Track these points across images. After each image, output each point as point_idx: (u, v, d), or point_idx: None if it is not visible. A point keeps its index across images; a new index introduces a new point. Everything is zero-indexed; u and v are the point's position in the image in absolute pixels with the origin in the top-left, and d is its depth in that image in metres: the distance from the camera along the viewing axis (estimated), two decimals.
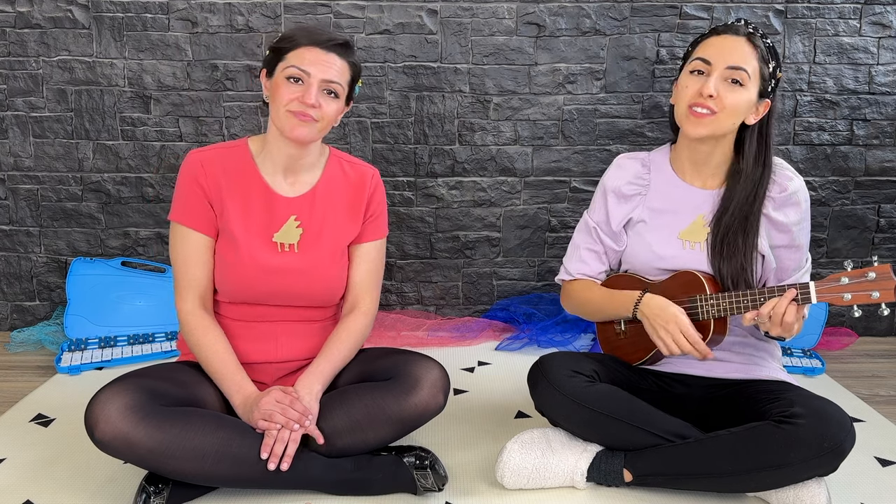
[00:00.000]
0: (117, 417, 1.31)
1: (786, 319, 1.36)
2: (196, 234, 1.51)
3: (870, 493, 1.52)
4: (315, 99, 1.44)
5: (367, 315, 1.60)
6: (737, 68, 1.44)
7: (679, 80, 1.52)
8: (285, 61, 1.46)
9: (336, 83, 1.47)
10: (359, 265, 1.61)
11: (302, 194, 1.56)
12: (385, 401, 1.43)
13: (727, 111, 1.44)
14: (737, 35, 1.46)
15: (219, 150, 1.55)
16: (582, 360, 1.55)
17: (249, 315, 1.55)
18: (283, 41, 1.48)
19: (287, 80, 1.45)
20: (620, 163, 1.64)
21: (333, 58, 1.47)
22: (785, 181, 1.51)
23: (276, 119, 1.47)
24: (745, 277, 1.48)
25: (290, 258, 1.52)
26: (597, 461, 1.48)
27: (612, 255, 1.65)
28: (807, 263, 1.55)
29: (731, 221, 1.50)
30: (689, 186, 1.57)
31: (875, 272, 1.31)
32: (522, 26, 2.43)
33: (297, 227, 1.54)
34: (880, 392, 2.10)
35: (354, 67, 1.52)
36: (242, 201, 1.52)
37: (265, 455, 1.36)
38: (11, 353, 2.33)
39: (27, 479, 1.55)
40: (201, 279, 1.52)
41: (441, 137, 2.50)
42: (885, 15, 2.42)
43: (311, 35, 1.47)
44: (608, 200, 1.63)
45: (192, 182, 1.51)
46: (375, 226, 1.63)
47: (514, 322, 2.52)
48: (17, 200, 2.48)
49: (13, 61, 2.39)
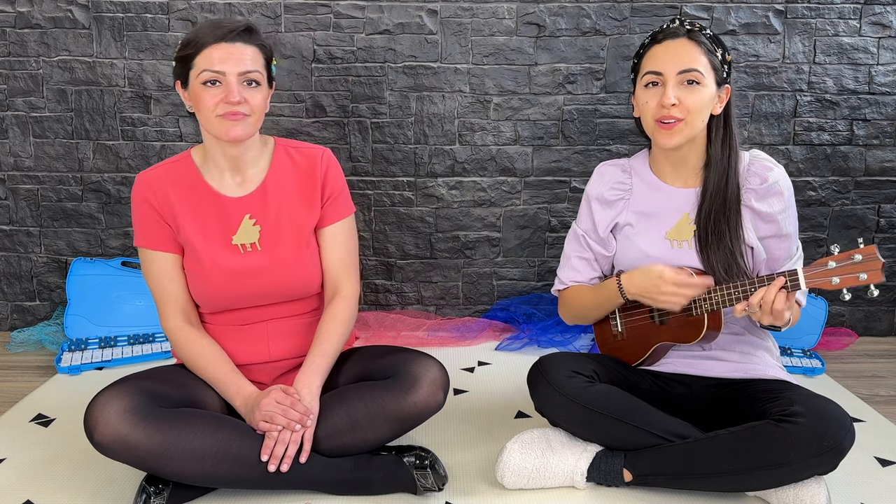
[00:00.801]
0: (116, 420, 1.31)
1: (775, 307, 1.36)
2: (162, 253, 1.52)
3: (870, 493, 1.52)
4: (238, 95, 1.42)
5: (349, 299, 1.58)
6: (688, 70, 1.45)
7: (636, 95, 1.54)
8: (195, 68, 1.43)
9: (253, 72, 1.44)
10: (329, 249, 1.58)
11: (252, 191, 1.54)
12: (384, 399, 1.43)
13: (693, 113, 1.46)
14: (677, 38, 1.47)
15: (164, 167, 1.54)
16: (582, 361, 1.55)
17: (235, 320, 1.55)
18: (186, 48, 1.44)
19: (204, 86, 1.42)
20: (601, 170, 1.67)
21: (241, 47, 1.43)
22: (765, 171, 1.52)
23: (209, 126, 1.45)
24: (737, 262, 1.48)
25: (254, 258, 1.51)
26: (597, 461, 1.49)
27: (602, 260, 1.67)
28: (797, 252, 1.56)
29: (710, 208, 1.51)
30: (671, 187, 1.58)
31: (861, 254, 1.30)
32: (522, 26, 2.43)
33: (254, 224, 1.53)
34: (880, 392, 2.10)
35: (265, 49, 1.49)
36: (195, 212, 1.52)
37: (265, 457, 1.36)
38: (11, 353, 2.33)
39: (27, 479, 1.55)
40: (179, 294, 1.52)
41: (441, 137, 2.50)
42: (885, 15, 2.42)
43: (212, 32, 1.42)
44: (593, 208, 1.64)
45: (143, 204, 1.51)
46: (336, 206, 1.59)
47: (514, 322, 2.52)
48: (18, 200, 2.48)
49: (13, 61, 2.40)
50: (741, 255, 1.49)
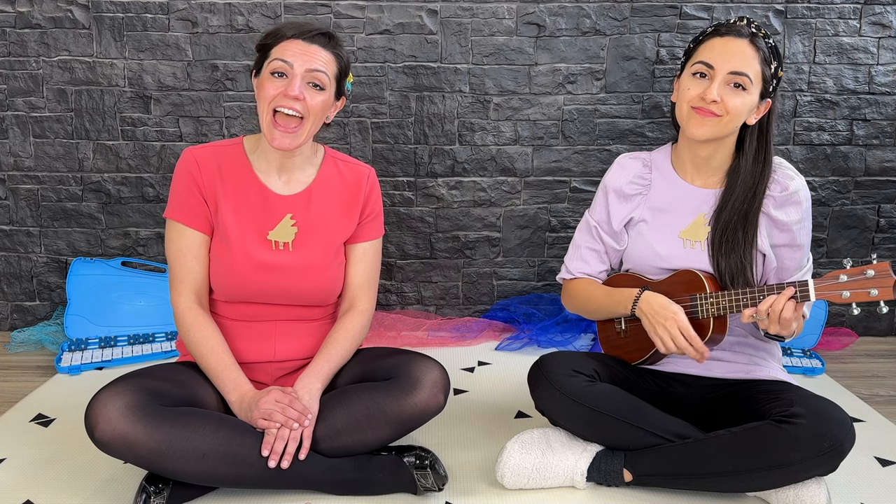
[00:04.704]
0: (117, 418, 1.31)
1: (783, 316, 1.35)
2: (191, 230, 1.52)
3: (870, 493, 1.52)
4: (299, 90, 1.43)
5: (364, 314, 1.60)
6: (739, 73, 1.43)
7: (681, 79, 1.51)
8: (269, 57, 1.46)
9: (320, 72, 1.45)
10: (356, 265, 1.61)
11: (297, 192, 1.56)
12: (385, 401, 1.43)
13: (730, 115, 1.44)
14: (739, 37, 1.45)
15: (214, 148, 1.55)
16: (582, 360, 1.55)
17: (246, 314, 1.55)
18: (267, 38, 1.48)
19: (272, 76, 1.45)
20: (622, 162, 1.65)
21: (316, 49, 1.46)
22: (786, 180, 1.51)
23: (262, 122, 1.48)
24: (745, 273, 1.48)
25: (284, 256, 1.52)
26: (597, 461, 1.49)
27: (612, 254, 1.66)
28: (808, 263, 1.55)
29: (730, 217, 1.50)
30: (690, 186, 1.57)
31: (874, 270, 1.30)
32: (522, 26, 2.43)
33: (293, 225, 1.54)
34: (880, 392, 2.10)
35: (341, 60, 1.51)
36: (237, 198, 1.53)
37: (266, 452, 1.36)
38: (11, 353, 2.33)
39: (27, 479, 1.55)
40: (197, 274, 1.52)
41: (441, 137, 2.50)
42: (885, 15, 2.42)
43: (293, 27, 1.47)
44: (609, 200, 1.63)
45: (187, 178, 1.51)
46: (373, 226, 1.63)
47: (514, 322, 2.52)
48: (18, 200, 2.48)
49: (13, 61, 2.40)
50: (751, 268, 1.49)
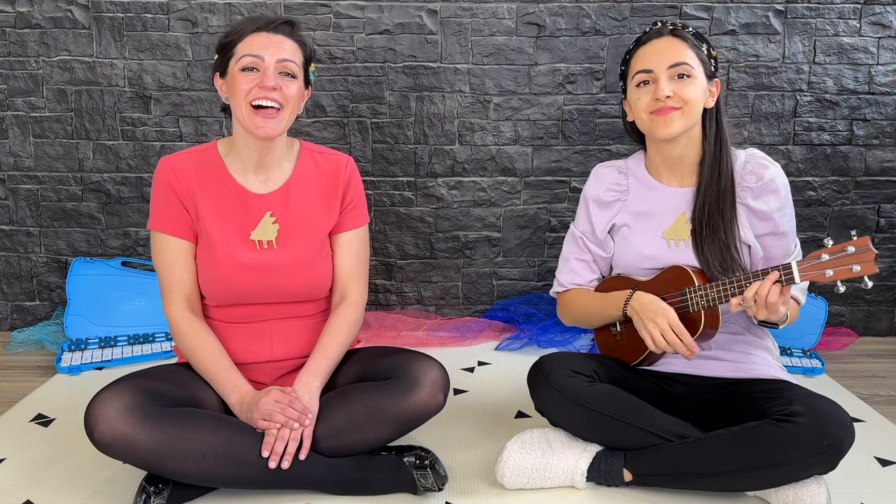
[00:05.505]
0: (117, 418, 1.31)
1: (769, 300, 1.36)
2: (176, 239, 1.52)
3: (870, 493, 1.52)
4: (274, 81, 1.44)
5: (356, 305, 1.60)
6: (678, 64, 1.48)
7: (628, 97, 1.56)
8: (236, 55, 1.47)
9: (290, 61, 1.47)
10: (342, 255, 1.61)
11: (275, 190, 1.56)
12: (385, 400, 1.43)
13: (689, 104, 1.48)
14: (661, 36, 1.51)
15: (188, 155, 1.55)
16: (582, 360, 1.55)
17: (240, 316, 1.55)
18: (228, 35, 1.49)
19: (242, 72, 1.46)
20: (598, 173, 1.68)
21: (281, 38, 1.48)
22: (761, 170, 1.53)
23: (240, 117, 1.48)
24: (731, 254, 1.49)
25: (269, 255, 1.52)
26: (597, 461, 1.49)
27: (601, 262, 1.67)
28: (796, 249, 1.56)
29: (704, 202, 1.52)
30: (667, 187, 1.59)
31: (854, 246, 1.31)
32: (522, 26, 2.43)
33: (274, 223, 1.54)
34: (880, 392, 2.10)
35: (305, 47, 1.53)
36: (216, 202, 1.53)
37: (266, 453, 1.36)
38: (11, 353, 2.33)
39: (27, 479, 1.55)
40: (186, 282, 1.53)
41: (441, 137, 2.50)
42: (885, 15, 2.42)
43: (254, 21, 1.48)
44: (590, 209, 1.66)
45: (165, 188, 1.52)
46: (355, 214, 1.62)
47: (514, 322, 2.52)
48: (17, 200, 2.48)
49: (13, 61, 2.40)
50: (736, 249, 1.50)
